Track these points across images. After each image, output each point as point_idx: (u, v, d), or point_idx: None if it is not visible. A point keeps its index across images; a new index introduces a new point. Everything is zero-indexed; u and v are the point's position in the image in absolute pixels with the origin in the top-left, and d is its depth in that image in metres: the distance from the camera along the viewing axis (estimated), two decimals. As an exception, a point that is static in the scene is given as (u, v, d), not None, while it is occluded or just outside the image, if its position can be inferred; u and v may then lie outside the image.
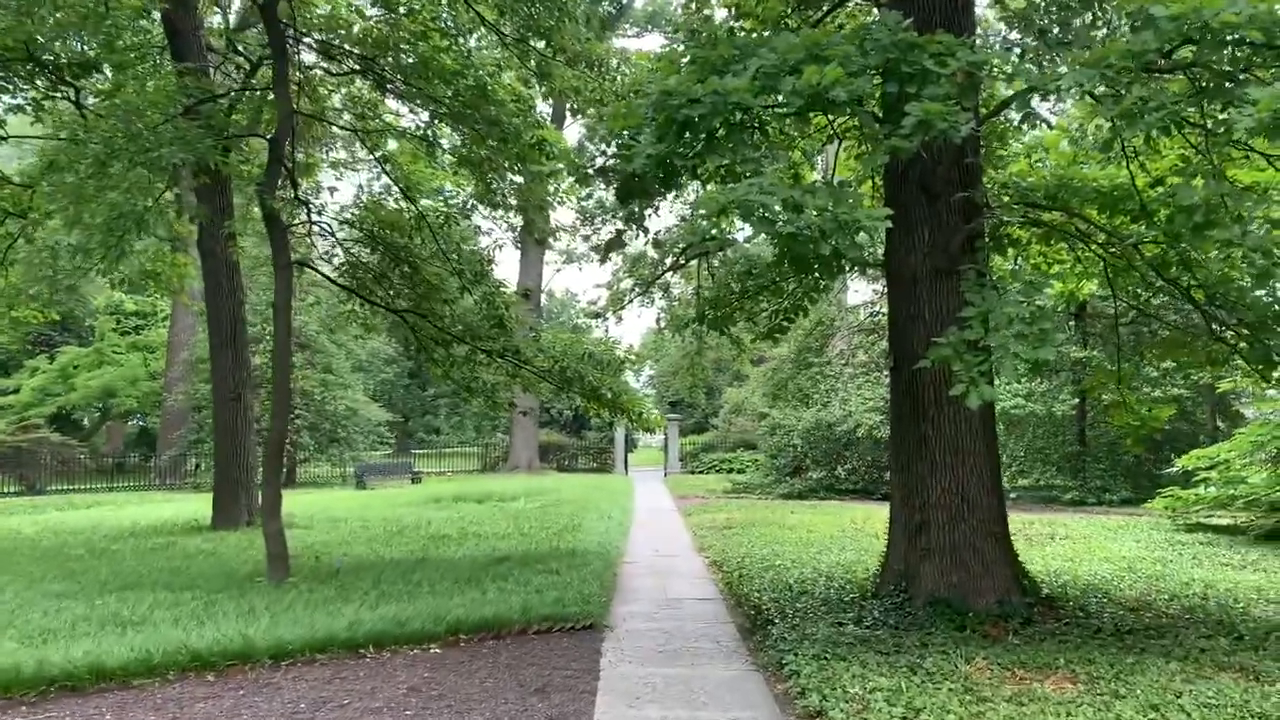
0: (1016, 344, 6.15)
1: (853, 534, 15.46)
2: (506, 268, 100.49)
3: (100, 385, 40.78)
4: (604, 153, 6.70)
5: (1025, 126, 8.57)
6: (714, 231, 11.52)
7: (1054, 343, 6.11)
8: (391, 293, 12.64)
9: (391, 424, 64.72)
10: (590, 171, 6.93)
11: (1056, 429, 22.07)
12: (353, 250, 12.24)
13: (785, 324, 8.88)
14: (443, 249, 11.82)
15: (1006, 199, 8.75)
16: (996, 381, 6.79)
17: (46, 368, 41.40)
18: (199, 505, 19.30)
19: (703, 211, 6.23)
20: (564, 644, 7.89)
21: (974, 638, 7.34)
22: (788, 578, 10.48)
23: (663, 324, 52.42)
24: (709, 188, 7.32)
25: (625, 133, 6.75)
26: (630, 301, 42.48)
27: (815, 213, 5.95)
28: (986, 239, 8.48)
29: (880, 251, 9.07)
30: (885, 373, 23.86)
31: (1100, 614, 8.16)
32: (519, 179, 11.67)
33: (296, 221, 11.00)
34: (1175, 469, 16.29)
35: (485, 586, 9.76)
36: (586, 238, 41.21)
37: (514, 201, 11.23)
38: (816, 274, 8.34)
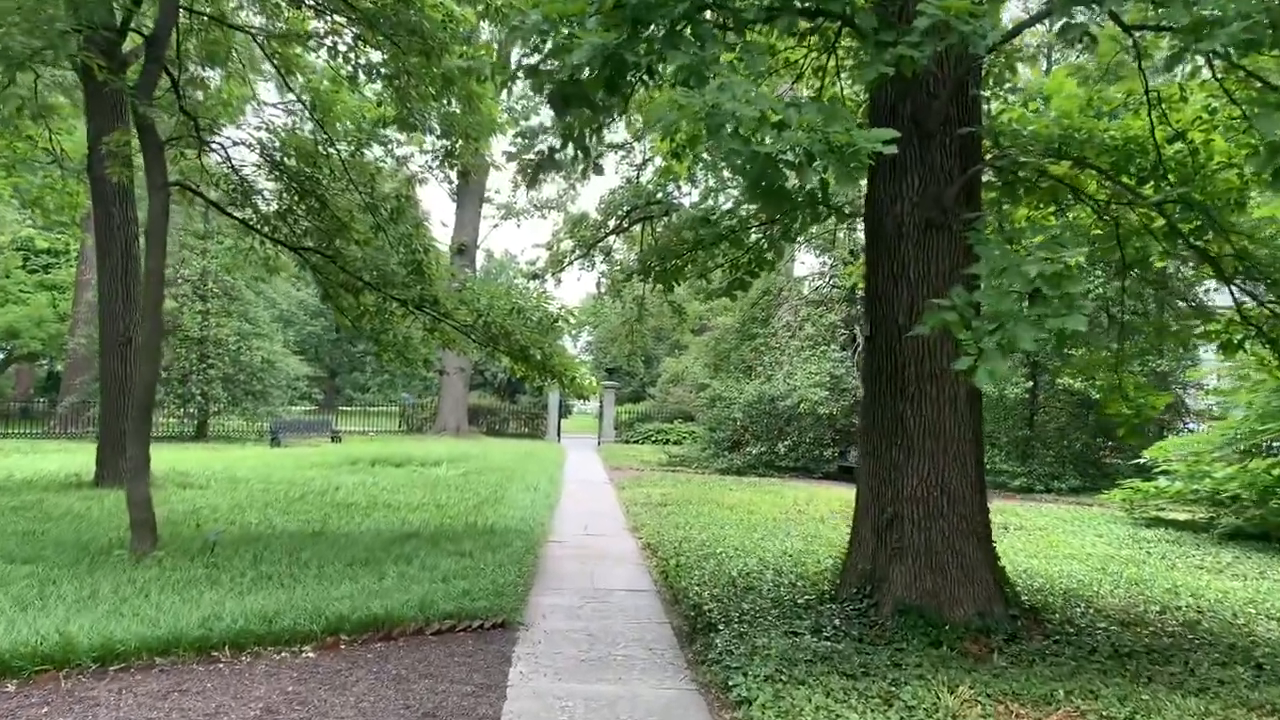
0: (1038, 309, 4.97)
1: (796, 517, 14.39)
2: (442, 222, 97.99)
3: (3, 325, 38.24)
4: (536, 49, 5.34)
5: (1034, 64, 7.38)
6: (670, 165, 10.27)
7: (1083, 310, 4.93)
8: (299, 230, 11.10)
9: (317, 380, 62.62)
10: (519, 74, 5.56)
11: (1006, 413, 21.26)
12: (251, 178, 10.64)
13: (746, 279, 7.61)
14: (353, 180, 10.30)
15: (1007, 144, 7.57)
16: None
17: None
18: (89, 458, 17.56)
19: (659, 123, 4.91)
20: (469, 647, 6.60)
21: (953, 657, 6.22)
22: (731, 569, 9.30)
23: (603, 288, 51.07)
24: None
25: (564, 25, 5.37)
26: (570, 263, 41.12)
27: (802, 131, 4.67)
28: (992, 188, 7.32)
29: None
30: (833, 347, 22.86)
31: (1091, 630, 7.10)
32: (449, 106, 10.19)
33: (179, 138, 9.35)
34: (1144, 459, 15.47)
35: (384, 570, 8.41)
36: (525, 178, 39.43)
37: (436, 127, 9.77)
38: (792, 218, 7.06)
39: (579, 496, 16.75)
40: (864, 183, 7.61)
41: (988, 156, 7.31)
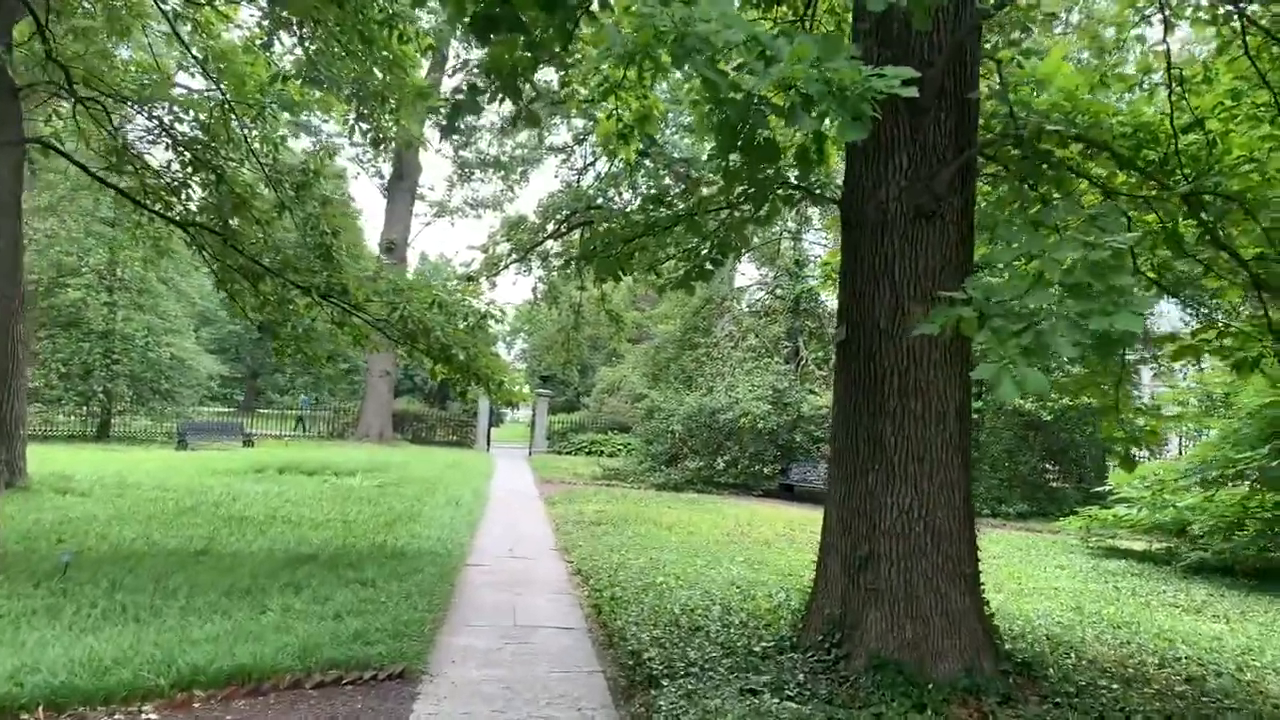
0: (1081, 305, 3.96)
1: (739, 540, 13.35)
2: (372, 219, 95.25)
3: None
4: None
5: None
6: (615, 147, 9.15)
7: (1138, 309, 3.93)
8: (192, 207, 9.74)
9: (236, 380, 60.15)
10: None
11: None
12: (141, 146, 9.28)
13: (707, 268, 6.45)
14: (253, 151, 8.99)
15: (1000, 128, 6.62)
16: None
17: None
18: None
19: (612, 49, 3.80)
20: (356, 705, 5.36)
21: (942, 725, 5.19)
22: (673, 603, 8.18)
23: (539, 294, 49.68)
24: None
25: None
26: (506, 267, 39.49)
27: (796, 65, 3.60)
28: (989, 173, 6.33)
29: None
30: (777, 359, 21.96)
31: (1092, 688, 6.11)
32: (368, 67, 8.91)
33: (34, 85, 7.93)
34: (1108, 485, 14.75)
35: (266, 603, 7.12)
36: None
37: (344, 87, 8.53)
38: (761, 197, 5.96)
39: (506, 512, 15.50)
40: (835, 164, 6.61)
41: (987, 136, 6.33)
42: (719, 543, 12.85)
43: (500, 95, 5.00)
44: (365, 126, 8.56)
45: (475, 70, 5.83)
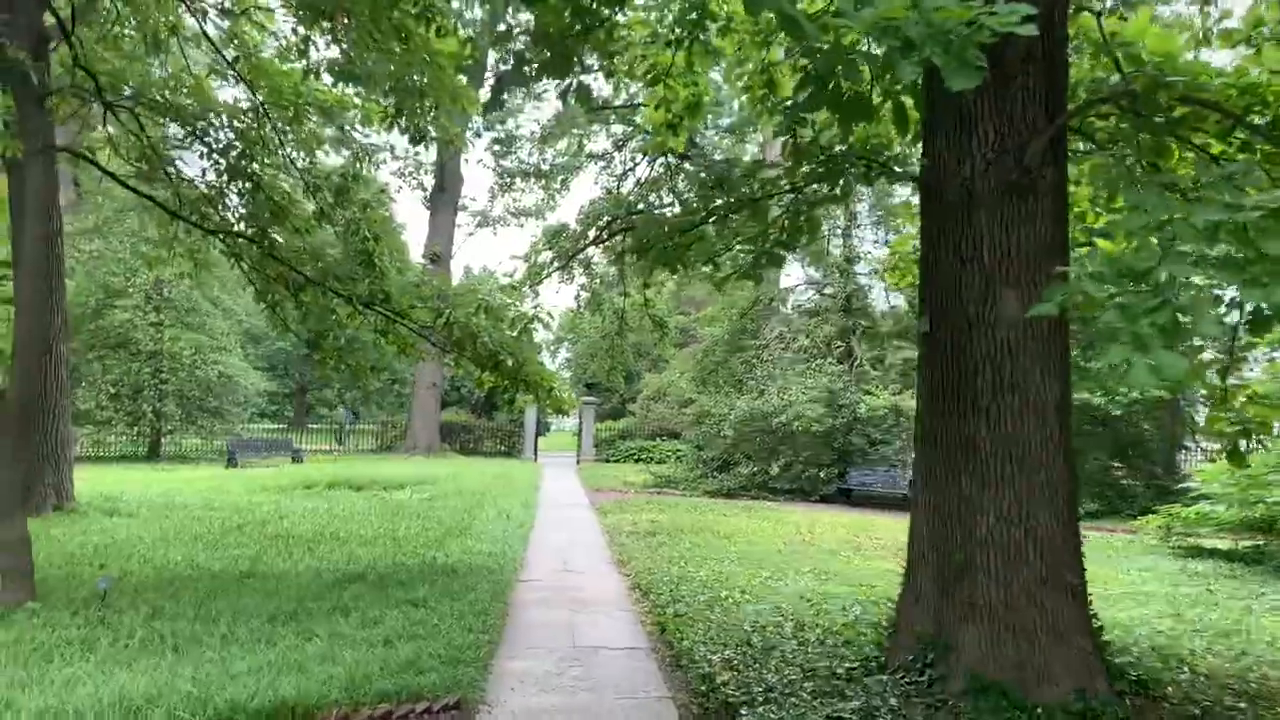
0: (1227, 275, 3.41)
1: (803, 549, 12.79)
2: (415, 231, 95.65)
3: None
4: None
5: None
6: (663, 139, 8.67)
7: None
8: (233, 217, 9.43)
9: (286, 396, 60.57)
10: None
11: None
12: (174, 154, 8.97)
13: (777, 253, 5.91)
14: (289, 157, 8.65)
15: (1085, 95, 6.05)
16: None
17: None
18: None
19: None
20: (409, 743, 4.92)
21: (1059, 757, 4.62)
22: (742, 620, 7.68)
23: (582, 301, 49.32)
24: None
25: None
26: (548, 275, 38.98)
27: (895, 3, 3.10)
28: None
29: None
30: (829, 360, 21.35)
31: (1219, 710, 5.51)
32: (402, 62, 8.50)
33: (59, 91, 7.60)
34: (1187, 482, 13.98)
35: (312, 628, 6.72)
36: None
37: (382, 85, 8.13)
38: (846, 160, 5.41)
39: (557, 524, 15.06)
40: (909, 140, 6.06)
41: (1088, 99, 5.76)
42: (781, 552, 12.30)
43: (546, 70, 4.56)
44: (403, 123, 8.18)
45: (521, 39, 5.35)
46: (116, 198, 24.32)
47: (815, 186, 5.59)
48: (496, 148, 36.05)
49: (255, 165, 8.95)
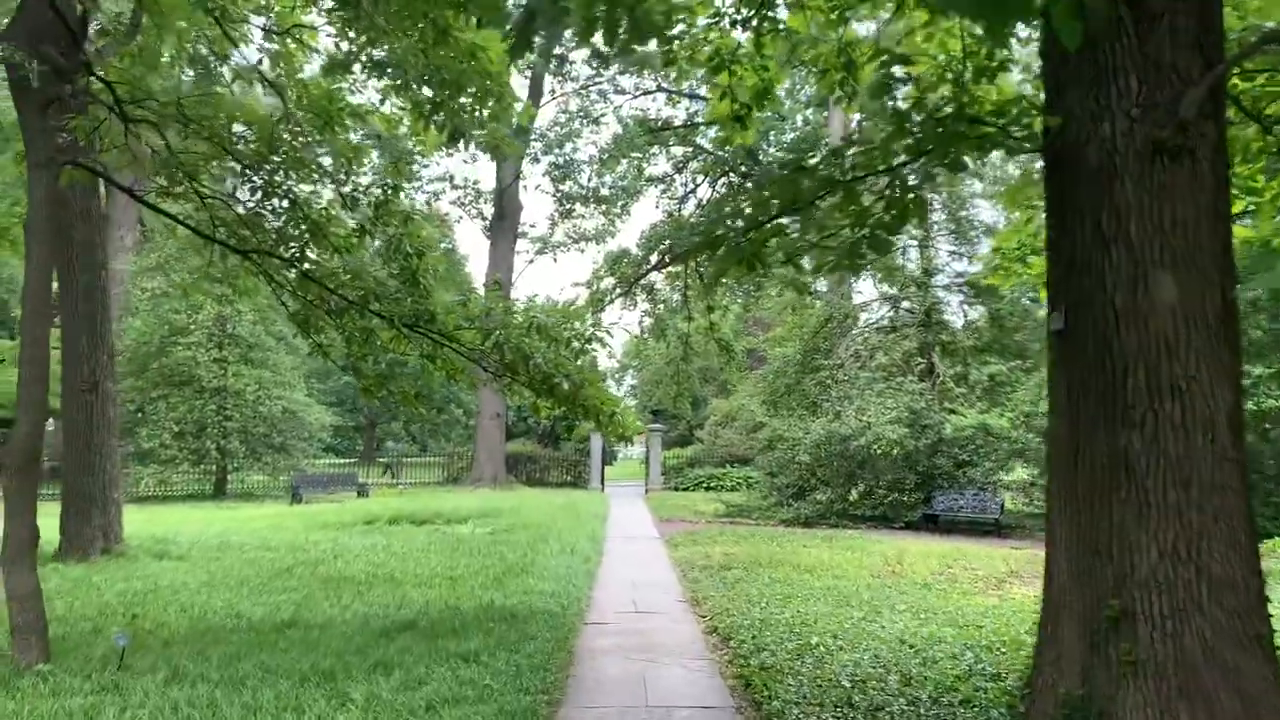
0: None
1: (894, 582, 11.70)
2: (475, 261, 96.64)
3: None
4: None
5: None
6: (731, 134, 7.81)
7: None
8: (272, 239, 8.78)
9: (355, 430, 60.81)
10: None
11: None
12: (195, 164, 8.30)
13: (881, 236, 4.88)
14: (322, 169, 7.96)
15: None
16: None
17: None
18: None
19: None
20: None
21: None
22: (837, 671, 6.69)
23: (645, 327, 48.57)
24: None
25: None
26: (611, 301, 37.79)
27: None
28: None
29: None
30: (910, 378, 20.18)
31: None
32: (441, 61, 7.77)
33: (60, 98, 6.95)
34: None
35: (349, 691, 5.91)
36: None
37: (426, 90, 7.39)
38: (953, 140, 4.45)
39: (625, 558, 14.16)
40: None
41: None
42: (870, 587, 11.24)
43: (595, 27, 3.74)
44: (440, 118, 7.43)
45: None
46: (179, 236, 24.24)
47: (922, 162, 4.64)
48: (555, 172, 35.56)
49: (290, 179, 8.29)
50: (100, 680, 6.10)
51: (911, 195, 4.53)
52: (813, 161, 5.08)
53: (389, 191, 8.13)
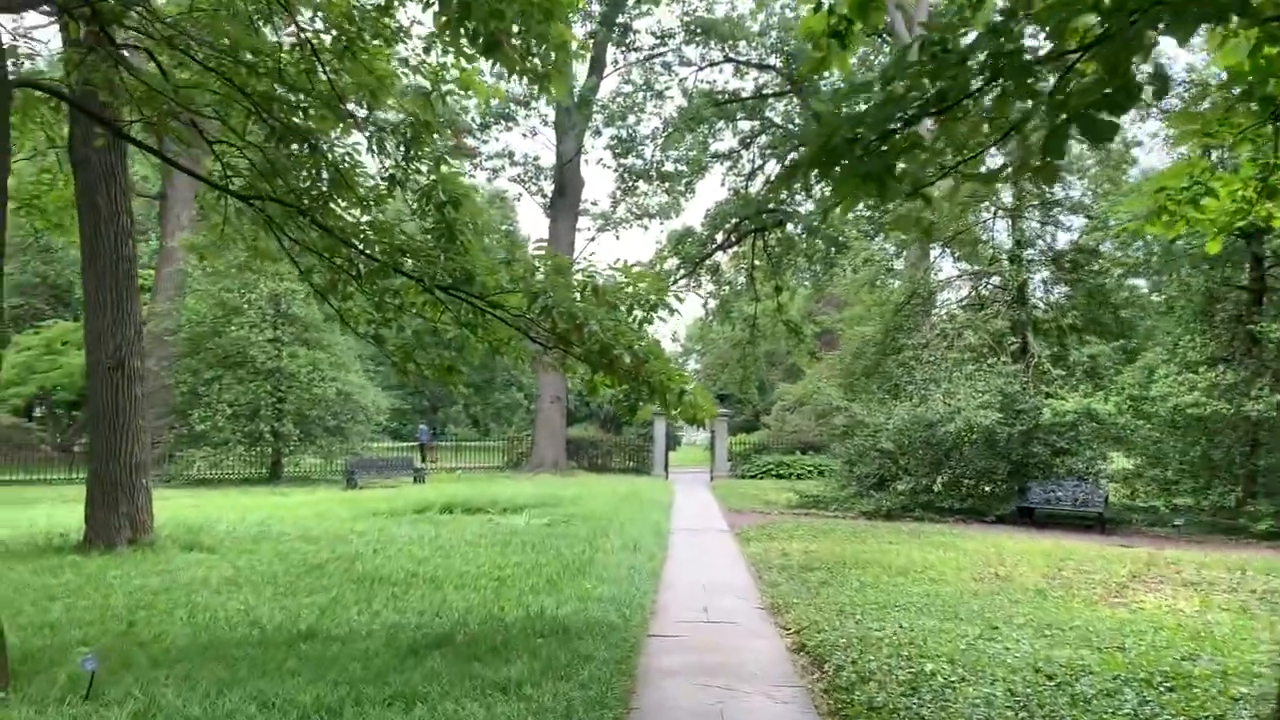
0: None
1: (1001, 587, 10.24)
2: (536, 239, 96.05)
3: (82, 363, 36.52)
4: None
5: None
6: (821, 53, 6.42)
7: None
8: (292, 195, 7.59)
9: (417, 413, 60.42)
10: None
11: (1244, 435, 16.32)
12: (192, 100, 7.12)
13: (1097, 117, 3.43)
14: (336, 92, 6.72)
15: None
16: None
17: (32, 342, 37.04)
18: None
19: None
20: None
21: None
22: (966, 710, 5.32)
23: (710, 310, 46.98)
24: None
25: None
26: (675, 283, 36.68)
27: None
28: None
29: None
30: (1002, 358, 18.51)
31: None
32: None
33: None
34: None
35: (354, 734, 4.69)
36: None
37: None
38: None
39: (693, 555, 12.84)
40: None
41: None
42: (975, 594, 9.78)
43: None
44: (471, 25, 6.14)
45: None
46: (230, 219, 23.45)
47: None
48: (617, 145, 34.25)
49: (308, 119, 7.09)
50: (58, 713, 4.98)
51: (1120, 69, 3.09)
52: (967, 40, 3.66)
53: (419, 128, 6.87)
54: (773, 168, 41.02)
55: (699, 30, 33.60)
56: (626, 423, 39.85)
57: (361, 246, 7.11)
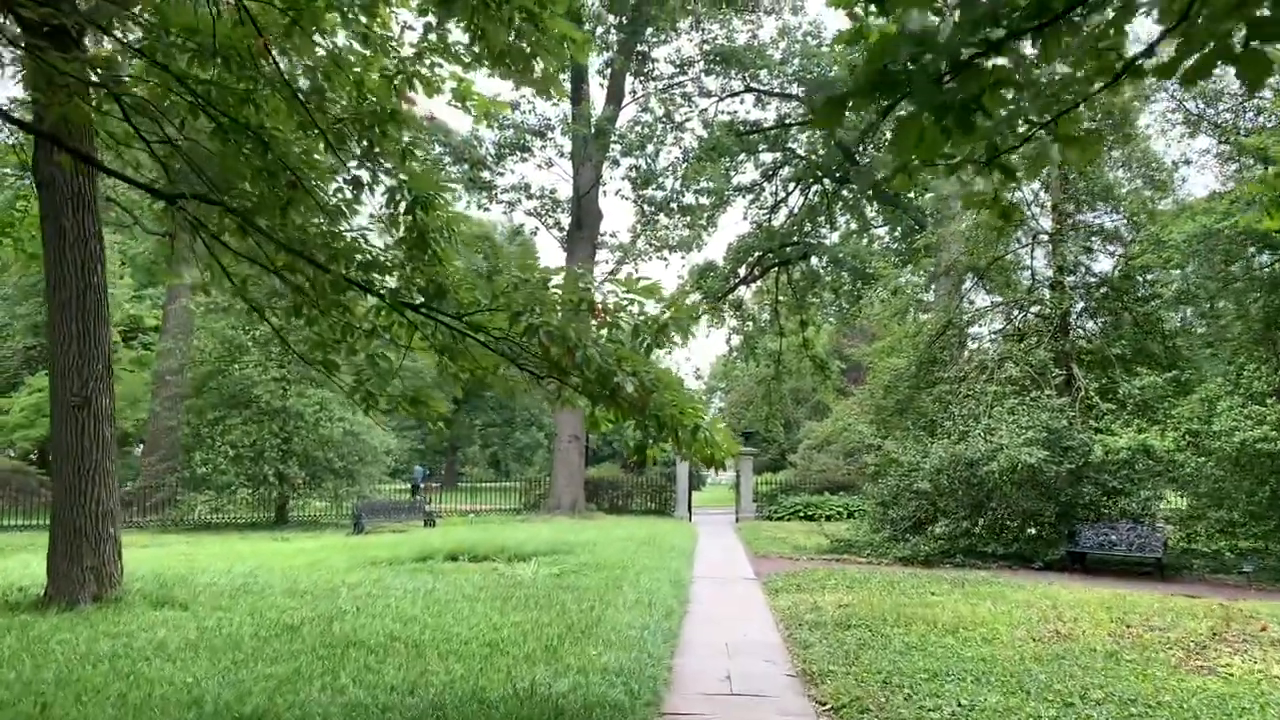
0: None
1: (1063, 649, 8.97)
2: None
3: (96, 405, 35.77)
4: None
5: None
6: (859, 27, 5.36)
7: None
8: (239, 199, 6.55)
9: (439, 454, 59.44)
10: None
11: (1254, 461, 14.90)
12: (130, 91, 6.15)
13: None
14: (288, 82, 5.68)
15: None
16: None
17: (43, 384, 36.42)
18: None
19: None
20: None
21: None
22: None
23: (734, 346, 45.90)
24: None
25: None
26: (698, 318, 35.46)
27: None
28: None
29: None
30: (1046, 392, 17.24)
31: None
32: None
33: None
34: None
35: None
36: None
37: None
38: None
39: (716, 610, 11.62)
40: None
41: None
42: (1037, 658, 8.51)
43: None
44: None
45: None
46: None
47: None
48: (635, 175, 33.35)
49: (260, 111, 6.06)
50: None
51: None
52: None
53: (383, 118, 5.83)
54: (796, 200, 40.05)
55: (719, 58, 32.77)
56: (628, 458, 38.67)
57: (319, 258, 6.06)
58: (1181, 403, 16.58)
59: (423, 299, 5.85)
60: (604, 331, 6.00)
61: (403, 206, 5.76)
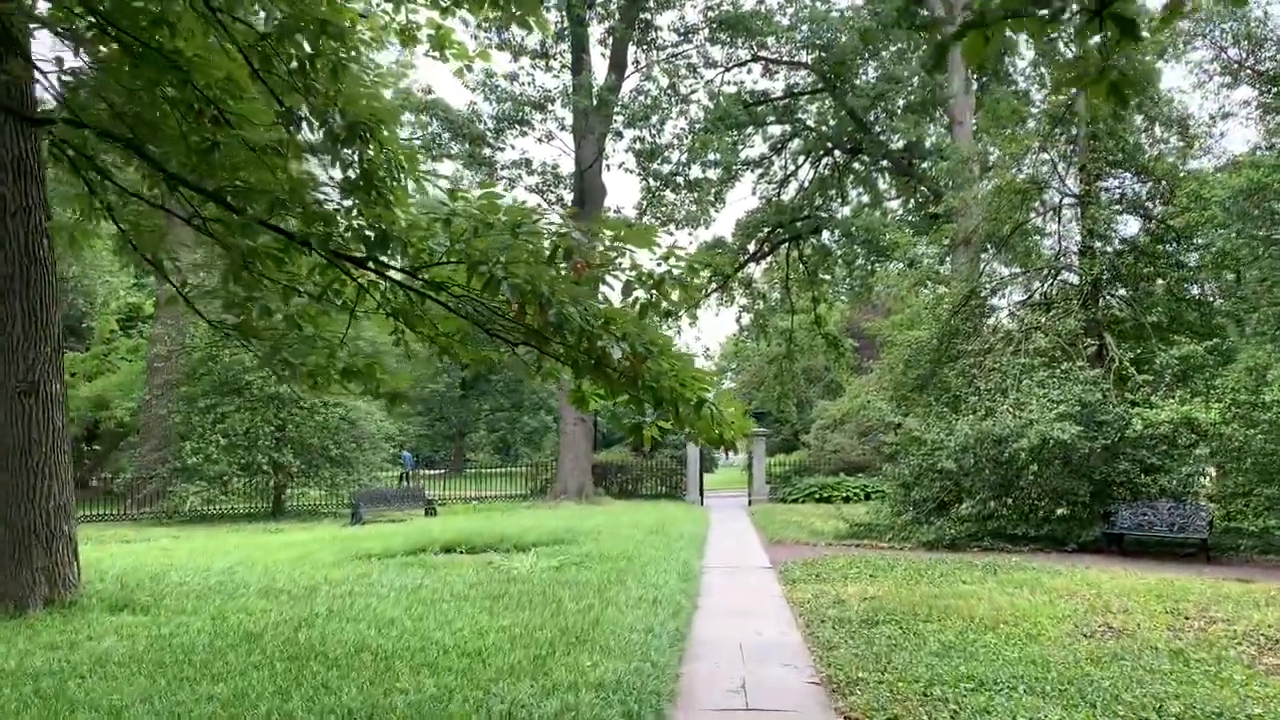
0: None
1: (1116, 645, 7.96)
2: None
3: (93, 395, 34.98)
4: None
5: None
6: None
7: None
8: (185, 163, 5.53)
9: (449, 439, 58.53)
10: None
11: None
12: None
13: None
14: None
15: None
16: None
17: (38, 375, 35.39)
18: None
19: None
20: None
21: None
22: None
23: (744, 324, 44.73)
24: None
25: None
26: (707, 296, 33.85)
27: None
28: None
29: None
30: (1078, 363, 16.14)
31: None
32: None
33: None
34: None
35: None
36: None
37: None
38: None
39: (729, 604, 10.62)
40: None
41: None
42: (1092, 658, 7.49)
43: None
44: None
45: None
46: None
47: None
48: (639, 145, 32.18)
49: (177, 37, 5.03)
50: None
51: None
52: None
53: (316, 32, 4.79)
54: (806, 174, 38.80)
55: (724, 25, 31.49)
56: (641, 444, 37.72)
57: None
58: (1224, 373, 15.44)
59: (374, 245, 4.82)
60: (587, 287, 4.96)
61: (334, 136, 4.71)
